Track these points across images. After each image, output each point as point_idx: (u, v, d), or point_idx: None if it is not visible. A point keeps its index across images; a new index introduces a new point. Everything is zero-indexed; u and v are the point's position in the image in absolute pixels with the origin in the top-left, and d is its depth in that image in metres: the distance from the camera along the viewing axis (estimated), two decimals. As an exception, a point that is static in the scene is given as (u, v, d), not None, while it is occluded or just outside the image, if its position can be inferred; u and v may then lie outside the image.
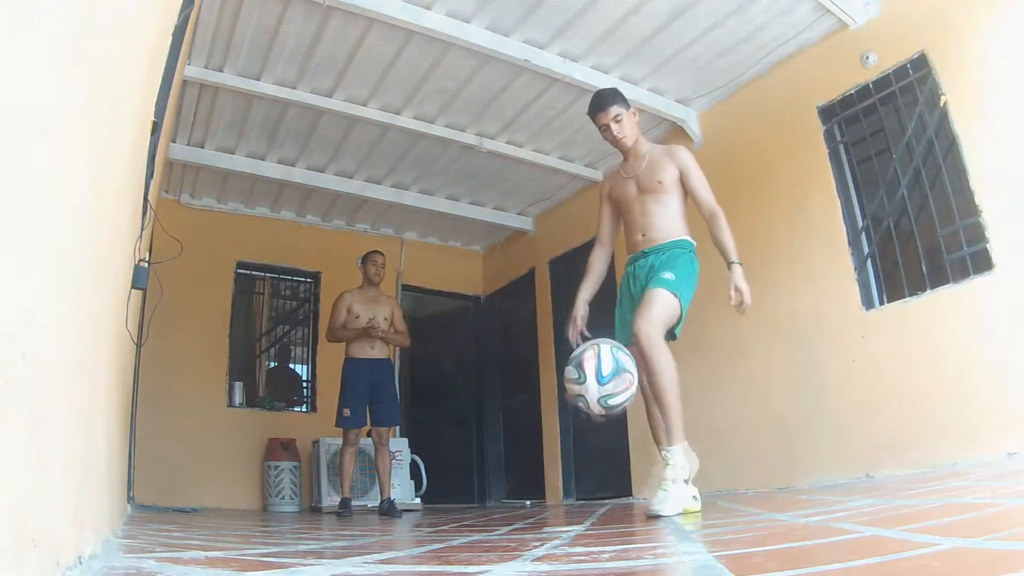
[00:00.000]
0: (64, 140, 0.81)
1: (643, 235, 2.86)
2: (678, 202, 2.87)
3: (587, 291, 3.07)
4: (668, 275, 2.68)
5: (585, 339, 2.93)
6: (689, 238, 2.85)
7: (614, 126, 2.87)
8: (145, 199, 2.29)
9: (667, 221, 2.84)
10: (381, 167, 5.71)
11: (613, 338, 2.76)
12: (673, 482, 2.42)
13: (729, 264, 2.72)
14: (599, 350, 2.43)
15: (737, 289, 2.68)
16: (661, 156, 2.90)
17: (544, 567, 1.11)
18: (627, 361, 2.45)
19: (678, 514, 2.35)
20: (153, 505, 4.48)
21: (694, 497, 2.55)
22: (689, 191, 2.86)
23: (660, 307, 2.61)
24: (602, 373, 2.36)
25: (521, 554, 1.35)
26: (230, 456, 5.54)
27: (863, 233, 3.87)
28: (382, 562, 1.31)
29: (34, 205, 0.70)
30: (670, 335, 2.72)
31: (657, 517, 2.28)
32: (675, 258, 2.76)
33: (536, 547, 1.49)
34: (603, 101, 2.90)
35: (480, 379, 7.20)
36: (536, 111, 4.94)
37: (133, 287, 2.12)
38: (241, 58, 4.19)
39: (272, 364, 6.67)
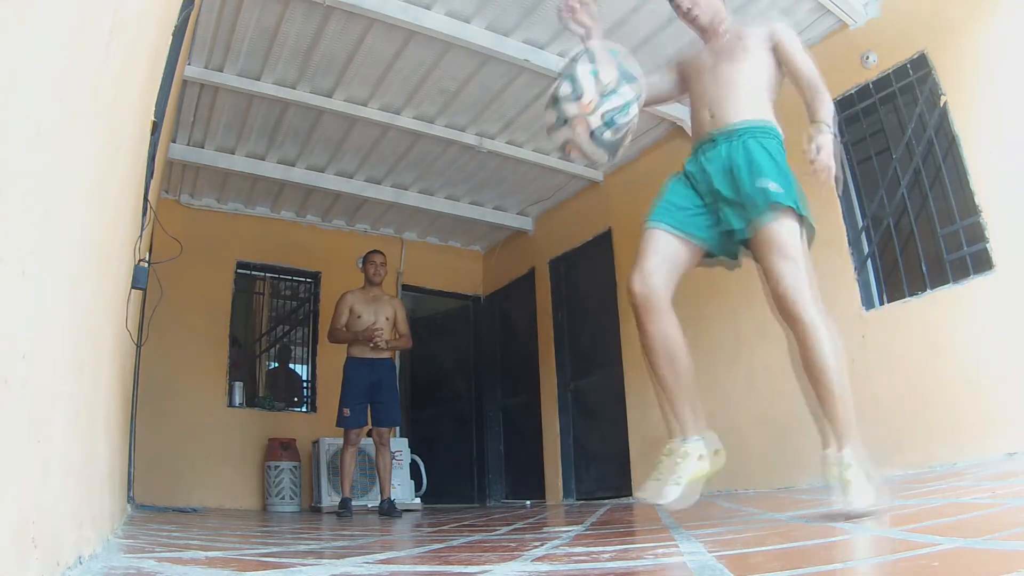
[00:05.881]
0: (65, 140, 0.81)
1: (711, 113, 2.06)
2: (765, 80, 2.09)
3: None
4: (773, 185, 1.87)
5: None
6: (774, 123, 2.08)
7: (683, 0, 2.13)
8: (145, 199, 2.28)
9: (746, 94, 2.05)
10: (381, 167, 5.71)
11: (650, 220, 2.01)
12: (856, 476, 1.67)
13: (814, 122, 1.97)
14: (590, 53, 1.75)
15: (817, 146, 1.89)
16: (749, 26, 2.17)
17: (544, 567, 1.11)
18: (630, 64, 1.82)
19: (870, 507, 1.60)
20: (153, 505, 4.47)
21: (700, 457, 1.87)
22: (784, 61, 2.08)
23: (793, 247, 1.85)
24: (604, 81, 1.71)
25: (521, 554, 1.35)
26: (230, 456, 5.54)
27: (863, 233, 3.87)
28: (382, 562, 1.31)
29: (35, 205, 0.70)
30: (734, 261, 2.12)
31: (853, 515, 1.58)
32: (762, 151, 1.95)
33: (536, 547, 1.49)
34: None
35: (480, 379, 7.19)
36: (536, 111, 4.93)
37: (133, 287, 2.12)
38: (241, 58, 4.19)
39: (273, 364, 6.67)
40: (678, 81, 2.25)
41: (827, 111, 1.98)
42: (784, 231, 1.87)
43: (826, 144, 1.89)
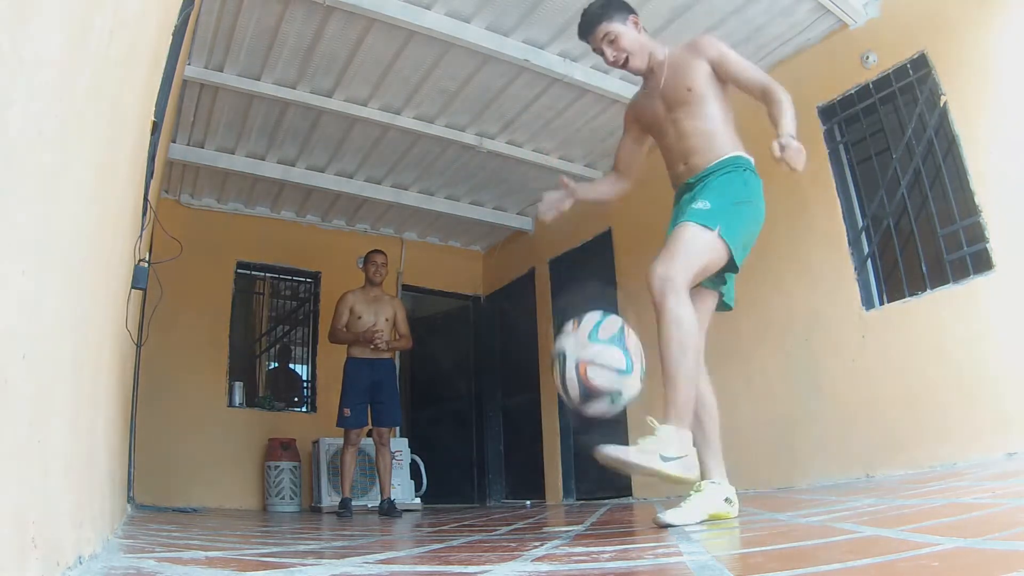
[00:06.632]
0: (65, 140, 0.81)
1: (684, 164, 2.24)
2: (720, 110, 2.23)
3: (583, 189, 2.55)
4: (701, 204, 2.04)
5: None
6: (743, 153, 2.21)
7: (608, 50, 2.28)
8: (145, 199, 2.28)
9: (710, 139, 2.20)
10: (381, 167, 5.71)
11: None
12: (650, 443, 1.87)
13: (780, 135, 2.00)
14: (593, 326, 1.87)
15: (783, 145, 1.93)
16: (684, 56, 2.25)
17: (544, 567, 1.11)
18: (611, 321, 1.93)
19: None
20: (153, 505, 4.48)
21: (727, 500, 2.11)
22: (732, 80, 2.21)
23: (683, 245, 1.97)
24: (626, 347, 1.83)
25: (521, 554, 1.35)
26: (230, 456, 5.54)
27: (863, 233, 3.87)
28: (382, 562, 1.30)
29: (35, 205, 0.70)
30: (723, 306, 2.23)
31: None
32: (718, 182, 2.12)
33: (536, 547, 1.49)
34: (588, 23, 2.30)
35: (480, 379, 7.20)
36: (536, 111, 4.94)
37: (133, 287, 2.12)
38: (241, 58, 4.19)
39: (273, 364, 6.67)
40: (639, 132, 2.43)
41: (788, 121, 2.03)
42: (685, 234, 2.00)
43: (790, 143, 1.96)
